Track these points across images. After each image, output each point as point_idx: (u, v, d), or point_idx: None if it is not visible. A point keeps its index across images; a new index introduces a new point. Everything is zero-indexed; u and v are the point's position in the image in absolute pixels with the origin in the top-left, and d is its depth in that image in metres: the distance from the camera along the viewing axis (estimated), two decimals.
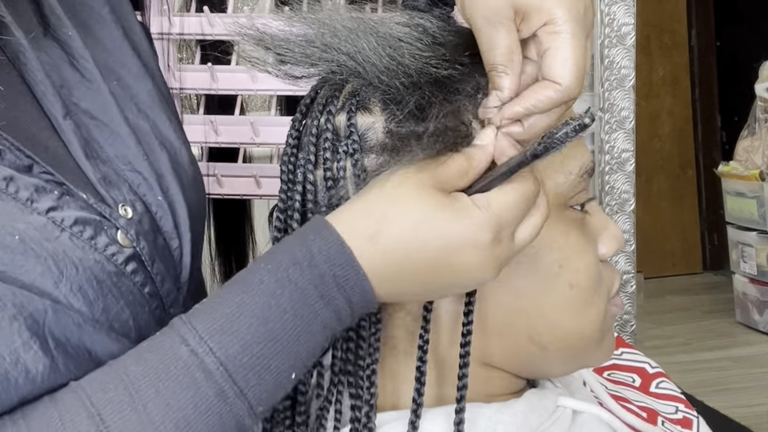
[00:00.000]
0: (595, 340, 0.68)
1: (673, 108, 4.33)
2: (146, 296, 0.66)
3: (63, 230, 0.61)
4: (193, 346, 0.55)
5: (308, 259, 0.57)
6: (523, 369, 0.69)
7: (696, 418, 0.81)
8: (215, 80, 1.35)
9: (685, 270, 4.32)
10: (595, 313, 0.67)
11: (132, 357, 0.57)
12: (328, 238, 0.58)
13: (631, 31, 1.76)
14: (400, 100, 0.62)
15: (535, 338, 0.67)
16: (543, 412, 0.67)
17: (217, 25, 1.33)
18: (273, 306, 0.57)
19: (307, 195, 0.65)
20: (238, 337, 0.56)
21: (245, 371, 0.56)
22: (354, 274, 0.58)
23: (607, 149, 1.78)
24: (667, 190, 4.33)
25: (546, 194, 0.62)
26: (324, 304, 0.58)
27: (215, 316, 0.57)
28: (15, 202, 0.59)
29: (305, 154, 0.66)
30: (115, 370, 0.56)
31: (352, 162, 0.63)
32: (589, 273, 0.67)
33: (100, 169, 0.68)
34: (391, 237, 0.57)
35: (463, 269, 0.58)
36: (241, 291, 0.57)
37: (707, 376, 2.91)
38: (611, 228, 0.70)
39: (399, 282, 0.59)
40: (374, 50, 0.62)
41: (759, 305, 3.31)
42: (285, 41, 0.66)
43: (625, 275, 1.82)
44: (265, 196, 1.38)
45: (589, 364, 0.72)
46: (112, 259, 0.63)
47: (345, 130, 0.64)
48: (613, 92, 1.77)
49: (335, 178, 0.64)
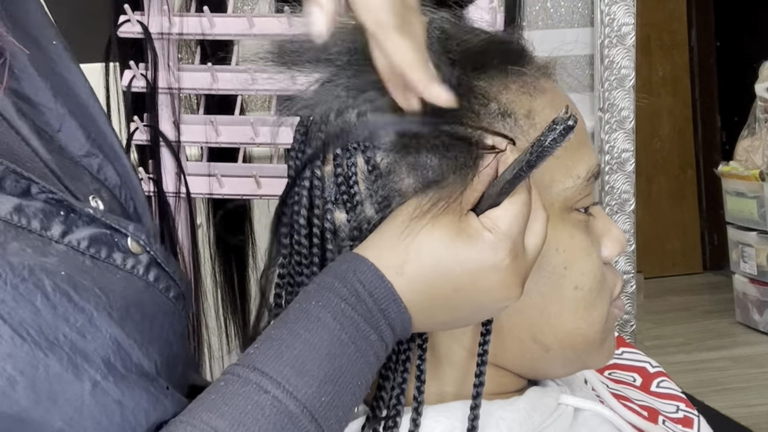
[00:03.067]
0: (597, 342, 0.68)
1: (673, 108, 4.33)
2: (172, 301, 0.64)
3: (83, 254, 0.58)
4: (273, 392, 0.54)
5: (354, 294, 0.57)
6: (525, 369, 0.69)
7: (697, 417, 0.81)
8: (215, 80, 1.35)
9: (685, 270, 4.32)
10: (597, 315, 0.68)
11: (212, 412, 0.54)
12: (367, 273, 0.58)
13: (631, 31, 1.76)
14: None
15: (538, 338, 0.67)
16: (545, 409, 0.68)
17: (217, 25, 1.33)
18: (335, 342, 0.56)
19: (315, 191, 0.65)
20: (312, 377, 0.55)
21: (324, 410, 0.55)
22: (395, 306, 0.58)
23: (607, 149, 1.78)
24: (667, 190, 4.33)
25: (538, 195, 0.62)
26: (377, 336, 0.58)
27: (284, 360, 0.56)
28: (31, 234, 0.56)
29: (314, 150, 0.65)
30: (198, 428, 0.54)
31: (364, 158, 0.63)
32: (593, 275, 0.67)
33: (59, 162, 0.64)
34: (415, 268, 0.58)
35: (488, 291, 0.59)
36: (302, 330, 0.57)
37: (707, 376, 2.91)
38: (614, 231, 0.70)
39: (430, 311, 0.59)
40: None
41: (759, 305, 3.31)
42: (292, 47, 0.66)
43: (625, 275, 1.82)
44: (265, 196, 1.39)
45: (591, 366, 0.72)
46: (134, 272, 0.61)
47: (355, 126, 0.64)
48: (613, 92, 1.77)
49: (346, 175, 0.64)
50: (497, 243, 0.58)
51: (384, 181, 0.62)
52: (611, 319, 0.70)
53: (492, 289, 0.59)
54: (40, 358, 0.52)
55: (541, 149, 0.57)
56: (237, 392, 0.55)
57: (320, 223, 0.65)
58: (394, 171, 0.62)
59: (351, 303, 0.57)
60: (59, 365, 0.52)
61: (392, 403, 0.63)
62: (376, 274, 0.58)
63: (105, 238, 0.60)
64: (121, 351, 0.55)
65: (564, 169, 0.66)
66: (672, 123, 4.33)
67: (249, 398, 0.54)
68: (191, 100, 1.44)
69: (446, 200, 0.59)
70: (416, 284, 0.58)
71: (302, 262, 0.65)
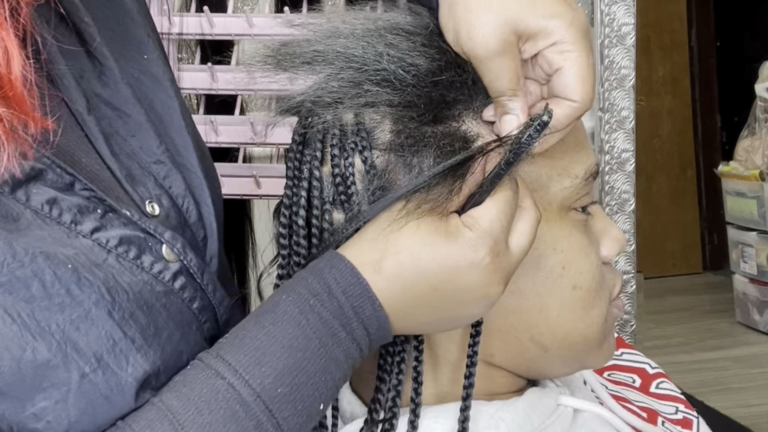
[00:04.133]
0: (596, 342, 0.68)
1: (673, 108, 4.33)
2: (194, 312, 0.64)
3: (109, 252, 0.59)
4: (229, 379, 0.56)
5: (326, 290, 0.58)
6: (524, 369, 0.69)
7: (696, 418, 0.81)
8: (215, 80, 1.35)
9: (685, 270, 4.32)
10: (596, 314, 0.68)
11: (171, 392, 0.56)
12: (343, 270, 0.58)
13: (631, 31, 1.76)
14: (409, 101, 0.62)
15: (536, 338, 0.67)
16: (544, 410, 0.68)
17: (217, 25, 1.33)
18: (299, 336, 0.57)
19: (313, 191, 0.65)
20: (270, 367, 0.56)
21: (280, 402, 0.56)
22: (370, 304, 0.58)
23: (607, 149, 1.78)
24: (667, 190, 4.33)
25: (529, 195, 0.62)
26: (346, 333, 0.58)
27: (245, 349, 0.57)
28: (59, 226, 0.58)
29: (311, 151, 0.66)
30: (158, 408, 0.56)
31: (361, 158, 0.63)
32: (592, 274, 0.67)
33: (125, 164, 0.66)
34: (393, 266, 0.58)
35: (468, 289, 0.59)
36: (268, 322, 0.58)
37: (707, 376, 2.91)
38: (613, 231, 0.70)
39: (410, 310, 0.59)
40: (380, 55, 0.63)
41: (759, 305, 3.31)
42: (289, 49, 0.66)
43: (625, 275, 1.82)
44: (265, 196, 1.38)
45: (590, 366, 0.72)
46: (159, 277, 0.61)
47: (353, 126, 0.64)
48: (613, 92, 1.77)
49: (343, 175, 0.64)
50: (477, 240, 0.58)
51: (381, 181, 0.62)
52: (610, 319, 0.70)
53: (472, 288, 0.59)
54: (29, 340, 0.53)
55: (518, 147, 0.57)
56: (197, 376, 0.57)
57: (319, 224, 0.65)
58: (391, 170, 0.63)
59: (321, 299, 0.58)
60: (47, 350, 0.54)
61: (388, 405, 0.63)
62: (351, 272, 0.58)
63: (138, 240, 0.61)
64: (116, 350, 0.56)
65: (561, 168, 0.66)
66: (672, 123, 4.33)
67: (206, 383, 0.56)
68: (191, 100, 1.44)
69: (432, 202, 0.59)
70: (394, 283, 0.58)
71: (301, 263, 0.65)
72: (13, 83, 0.52)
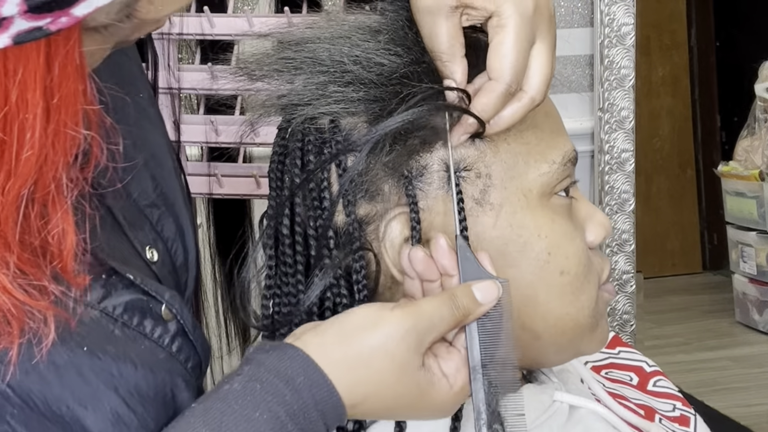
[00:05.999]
0: (588, 327, 0.69)
1: (673, 108, 4.33)
2: (189, 371, 0.64)
3: (116, 321, 0.59)
4: None
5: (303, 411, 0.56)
6: (518, 358, 0.70)
7: (693, 415, 0.81)
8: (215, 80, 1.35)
9: (685, 270, 4.32)
10: (586, 299, 0.68)
11: None
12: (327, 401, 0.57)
13: (631, 31, 1.76)
14: (376, 97, 0.64)
15: (528, 326, 0.67)
16: (539, 405, 0.68)
17: (217, 25, 1.33)
18: None
19: (295, 199, 0.66)
20: None
21: None
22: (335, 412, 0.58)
23: (607, 149, 1.78)
24: (667, 190, 4.33)
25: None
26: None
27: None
28: None
29: (291, 159, 0.66)
30: None
31: (336, 162, 0.64)
32: (578, 258, 0.67)
33: (128, 209, 0.65)
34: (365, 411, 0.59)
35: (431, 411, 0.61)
36: None
37: (707, 375, 2.91)
38: (597, 215, 0.71)
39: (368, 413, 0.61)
40: (347, 55, 0.65)
41: (759, 305, 3.31)
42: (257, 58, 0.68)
43: (625, 275, 1.82)
44: (265, 196, 1.38)
45: (584, 352, 0.73)
46: (160, 342, 0.62)
47: (329, 133, 0.65)
48: (613, 92, 1.77)
49: (318, 180, 0.65)
50: (455, 398, 0.61)
51: (354, 186, 0.64)
52: (601, 303, 0.70)
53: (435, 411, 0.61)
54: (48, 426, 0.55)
55: None
56: None
57: (302, 231, 0.65)
58: (365, 173, 0.64)
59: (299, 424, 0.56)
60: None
61: None
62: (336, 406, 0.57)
63: (140, 304, 0.61)
64: (120, 423, 0.58)
65: (538, 154, 0.67)
66: (672, 123, 4.33)
67: None
68: (191, 100, 1.44)
69: None
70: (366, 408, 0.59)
71: (288, 272, 0.66)
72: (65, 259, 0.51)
